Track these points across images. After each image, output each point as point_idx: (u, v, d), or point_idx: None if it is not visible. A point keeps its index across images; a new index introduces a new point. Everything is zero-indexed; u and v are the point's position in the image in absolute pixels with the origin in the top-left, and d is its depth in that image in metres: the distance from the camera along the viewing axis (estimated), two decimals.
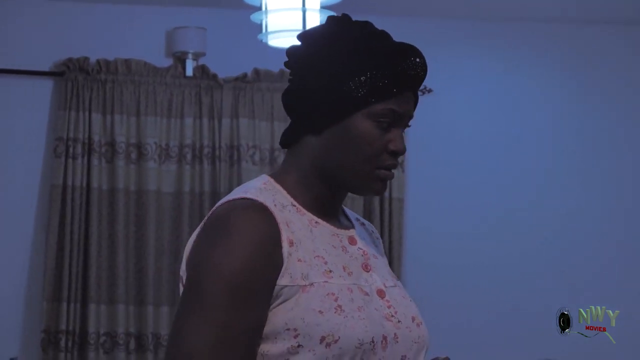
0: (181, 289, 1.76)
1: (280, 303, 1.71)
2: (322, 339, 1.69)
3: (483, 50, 5.78)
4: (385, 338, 1.75)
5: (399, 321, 1.79)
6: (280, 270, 1.71)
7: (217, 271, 1.67)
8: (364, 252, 1.86)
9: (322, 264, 1.75)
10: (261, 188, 1.80)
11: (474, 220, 5.68)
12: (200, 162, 5.45)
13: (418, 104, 1.86)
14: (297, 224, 1.78)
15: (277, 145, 5.52)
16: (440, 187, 5.69)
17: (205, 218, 1.79)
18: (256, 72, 5.55)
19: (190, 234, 5.37)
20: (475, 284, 5.61)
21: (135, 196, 5.39)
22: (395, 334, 1.77)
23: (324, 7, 4.69)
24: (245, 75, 5.54)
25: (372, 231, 2.01)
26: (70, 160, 5.33)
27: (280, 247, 1.72)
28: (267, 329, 1.70)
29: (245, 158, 5.46)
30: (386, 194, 5.54)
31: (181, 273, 1.79)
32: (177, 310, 1.71)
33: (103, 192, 5.37)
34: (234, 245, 1.68)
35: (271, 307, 1.71)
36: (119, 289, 5.31)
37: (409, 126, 1.85)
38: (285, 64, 1.88)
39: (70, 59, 5.39)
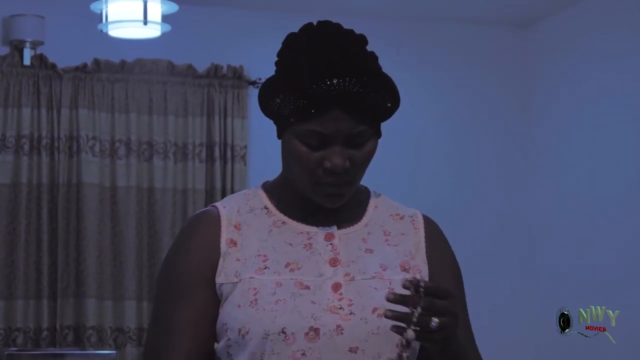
0: None
1: (224, 302, 1.83)
2: (239, 331, 1.79)
3: None
4: (315, 330, 1.76)
5: (350, 313, 1.78)
6: (217, 269, 1.83)
7: (162, 271, 1.90)
8: (334, 247, 1.85)
9: (260, 262, 1.83)
10: (240, 194, 1.94)
11: None
12: (39, 153, 5.35)
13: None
14: (255, 227, 1.86)
15: (117, 136, 5.47)
16: None
17: None
18: (96, 62, 5.48)
19: (27, 226, 5.31)
20: None
21: None
22: (338, 326, 1.77)
23: None
24: (85, 65, 5.46)
25: (413, 221, 1.93)
26: None
27: (218, 248, 1.84)
28: (217, 326, 1.84)
29: (84, 149, 5.38)
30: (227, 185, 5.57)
31: None
32: None
33: None
34: (177, 248, 1.88)
35: (220, 306, 1.85)
36: None
37: (361, 143, 1.78)
38: None
39: None
